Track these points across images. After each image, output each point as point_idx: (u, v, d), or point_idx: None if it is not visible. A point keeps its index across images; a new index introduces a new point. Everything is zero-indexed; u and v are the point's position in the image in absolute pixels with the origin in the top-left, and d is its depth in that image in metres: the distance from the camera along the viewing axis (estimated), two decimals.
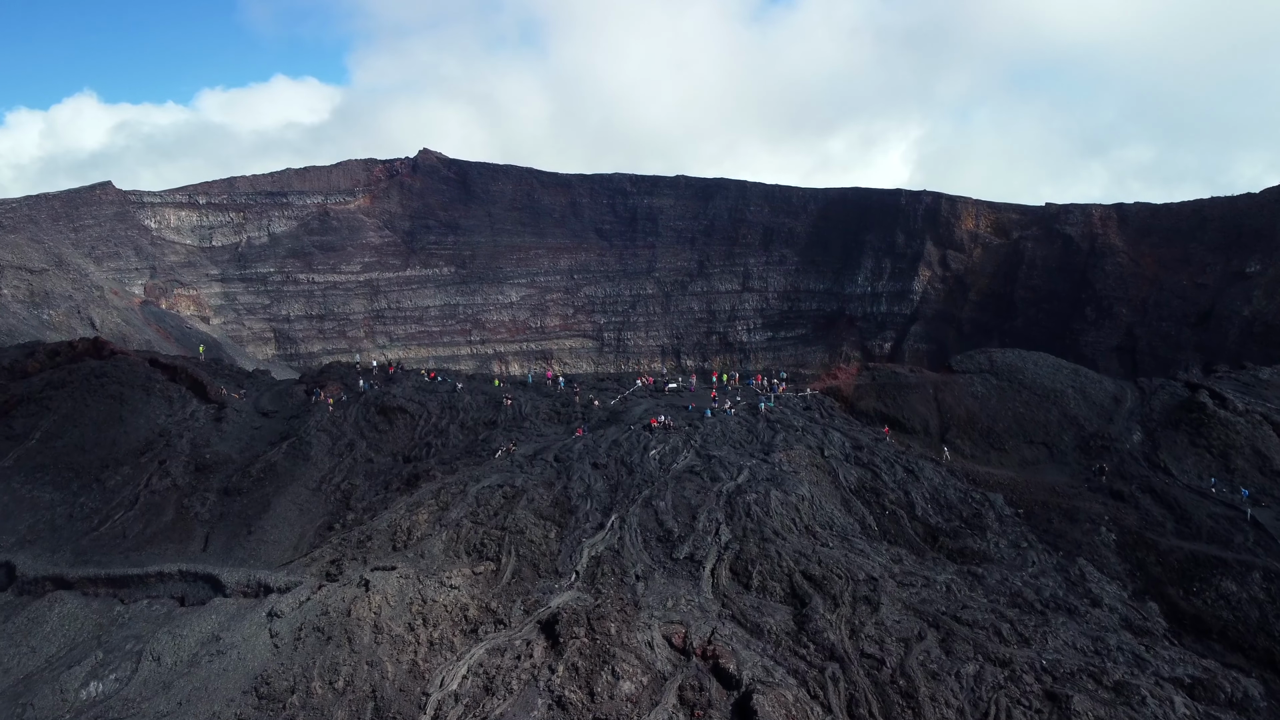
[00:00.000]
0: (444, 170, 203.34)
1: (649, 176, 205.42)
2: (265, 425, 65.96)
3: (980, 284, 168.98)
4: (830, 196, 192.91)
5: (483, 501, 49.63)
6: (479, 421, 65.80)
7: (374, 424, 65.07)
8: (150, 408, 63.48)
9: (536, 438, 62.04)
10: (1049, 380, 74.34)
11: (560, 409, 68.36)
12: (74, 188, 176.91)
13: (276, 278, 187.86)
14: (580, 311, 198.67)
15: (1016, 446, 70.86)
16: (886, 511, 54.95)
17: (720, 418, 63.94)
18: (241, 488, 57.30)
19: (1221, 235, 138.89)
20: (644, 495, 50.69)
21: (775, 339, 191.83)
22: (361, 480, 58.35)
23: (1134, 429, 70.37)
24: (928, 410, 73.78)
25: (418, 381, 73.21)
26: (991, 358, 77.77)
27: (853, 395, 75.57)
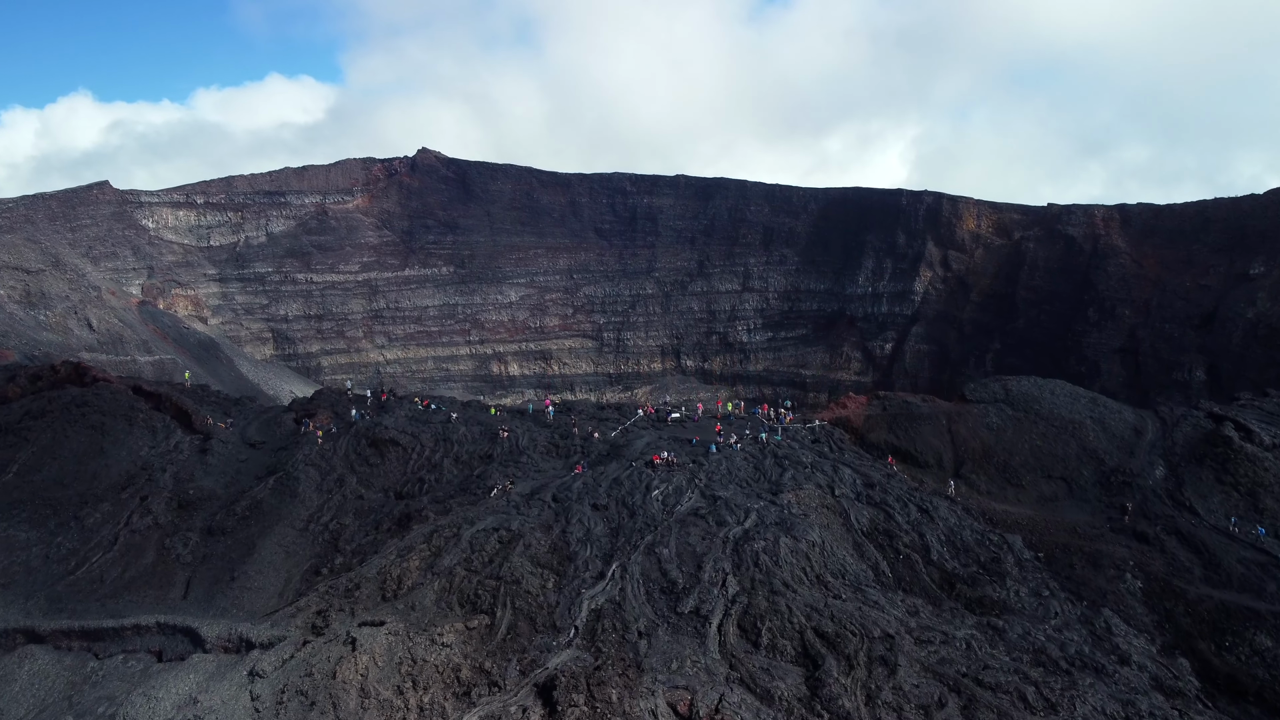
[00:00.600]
0: (443, 169, 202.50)
1: (649, 176, 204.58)
2: (252, 457, 63.59)
3: (982, 285, 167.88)
4: (831, 196, 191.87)
5: (477, 547, 47.55)
6: (474, 455, 63.26)
7: (365, 457, 62.60)
8: (133, 439, 61.50)
9: (534, 473, 59.70)
10: (1067, 410, 71.25)
11: (559, 441, 65.47)
12: (71, 187, 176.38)
13: (275, 278, 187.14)
14: (580, 311, 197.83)
15: (1034, 482, 67.65)
16: (900, 556, 52.46)
17: (725, 453, 61.27)
18: (226, 527, 55.12)
19: (1225, 236, 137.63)
20: (646, 541, 48.49)
21: (775, 339, 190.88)
22: (351, 519, 56.09)
23: (1156, 463, 67.42)
24: (941, 442, 70.67)
25: (411, 410, 70.46)
26: (1006, 386, 74.93)
27: (863, 426, 72.25)
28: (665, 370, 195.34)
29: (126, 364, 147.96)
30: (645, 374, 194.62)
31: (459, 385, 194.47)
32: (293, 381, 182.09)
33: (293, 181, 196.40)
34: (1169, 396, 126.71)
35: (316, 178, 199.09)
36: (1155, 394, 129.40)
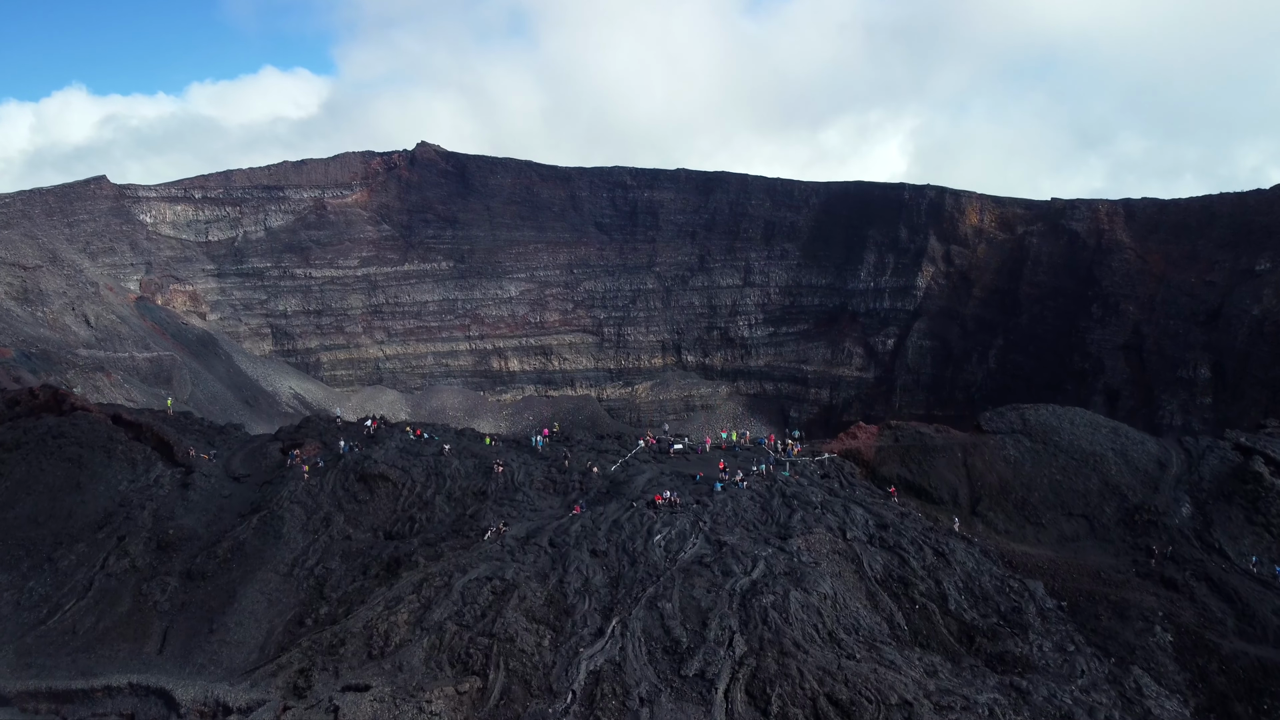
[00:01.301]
0: (442, 163, 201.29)
1: (649, 170, 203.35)
2: (236, 493, 60.52)
3: (985, 280, 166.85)
4: (832, 190, 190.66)
5: (469, 599, 44.95)
6: (467, 491, 60.08)
7: (353, 493, 59.12)
8: (111, 472, 58.36)
9: (530, 513, 56.92)
10: (1087, 442, 67.84)
11: (556, 477, 61.86)
12: (68, 182, 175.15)
13: (273, 273, 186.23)
14: (580, 306, 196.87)
15: (1054, 520, 64.26)
16: (917, 606, 49.51)
17: (731, 492, 57.97)
18: (206, 571, 52.27)
19: (1231, 232, 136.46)
20: (648, 593, 45.86)
21: (777, 334, 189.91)
22: (338, 563, 53.11)
23: (1182, 500, 64.25)
24: (956, 477, 67.28)
25: (402, 441, 65.81)
26: (1024, 416, 71.30)
27: (874, 459, 68.77)
28: (666, 365, 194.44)
29: (124, 360, 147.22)
30: (646, 369, 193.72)
31: (458, 380, 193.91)
32: (291, 377, 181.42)
33: (291, 176, 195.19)
34: (1174, 394, 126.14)
35: (315, 172, 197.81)
36: (1160, 391, 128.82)
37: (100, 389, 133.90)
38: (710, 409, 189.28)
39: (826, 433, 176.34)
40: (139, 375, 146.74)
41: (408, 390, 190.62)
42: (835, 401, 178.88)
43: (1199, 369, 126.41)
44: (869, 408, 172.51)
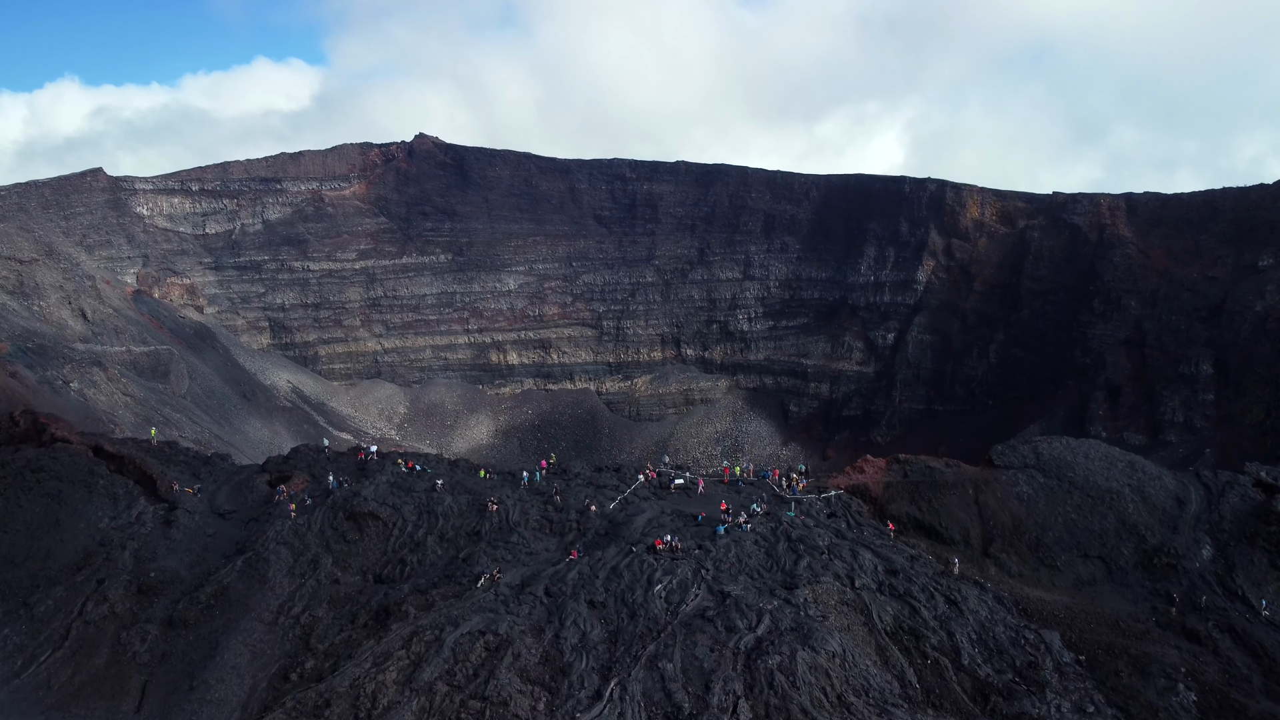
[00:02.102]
0: (440, 155, 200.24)
1: (648, 162, 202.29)
2: (220, 531, 58.05)
3: (985, 274, 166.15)
4: (833, 183, 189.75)
5: (461, 655, 42.74)
6: (460, 531, 57.62)
7: (342, 532, 56.46)
8: (91, 509, 55.95)
9: (525, 556, 54.56)
10: (1102, 478, 65.19)
11: (552, 515, 59.68)
12: (64, 175, 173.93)
13: (271, 265, 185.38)
14: (579, 300, 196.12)
15: (1070, 562, 61.78)
16: (929, 661, 47.30)
17: (734, 535, 55.50)
18: (188, 618, 50.04)
19: (1233, 227, 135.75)
20: (648, 652, 43.52)
21: (776, 328, 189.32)
22: (325, 610, 50.94)
23: (1203, 541, 61.60)
24: (968, 516, 64.80)
25: (393, 475, 63.83)
26: (1037, 449, 68.36)
27: (882, 496, 66.27)
28: (665, 359, 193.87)
29: (121, 354, 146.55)
30: (645, 363, 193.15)
31: (457, 374, 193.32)
32: (289, 371, 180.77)
33: (289, 167, 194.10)
34: (1176, 391, 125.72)
35: (313, 163, 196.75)
36: (1161, 387, 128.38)
37: (97, 383, 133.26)
38: (709, 403, 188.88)
39: (827, 428, 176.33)
40: (136, 369, 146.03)
41: (406, 384, 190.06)
42: (835, 396, 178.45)
43: (1201, 365, 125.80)
44: (869, 402, 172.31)
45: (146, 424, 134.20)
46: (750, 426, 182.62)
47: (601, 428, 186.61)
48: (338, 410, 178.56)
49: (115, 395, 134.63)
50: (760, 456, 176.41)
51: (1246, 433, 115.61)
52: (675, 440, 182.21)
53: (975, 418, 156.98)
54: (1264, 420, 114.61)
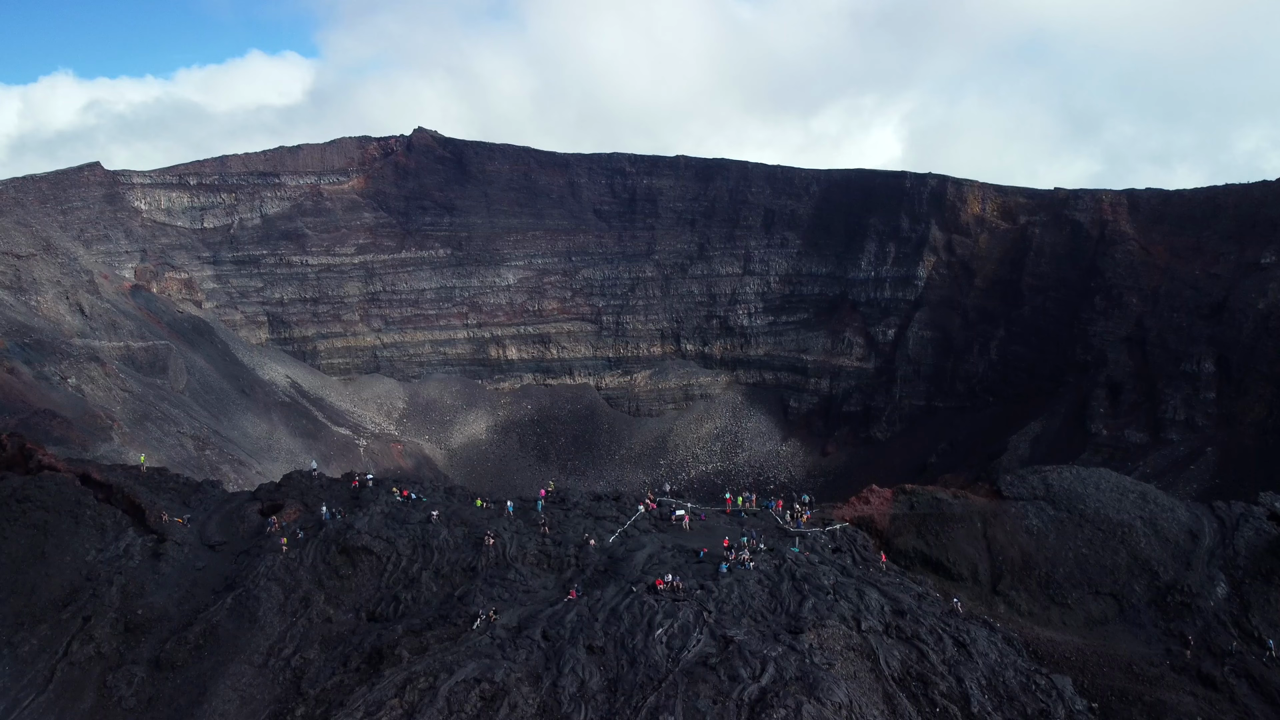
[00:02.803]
0: (439, 149, 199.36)
1: (648, 156, 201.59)
2: (210, 564, 56.55)
3: (986, 270, 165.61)
4: (833, 178, 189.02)
5: (456, 705, 41.18)
6: (455, 567, 55.96)
7: (334, 568, 54.91)
8: (78, 541, 54.15)
9: (522, 594, 53.09)
10: (1113, 510, 63.76)
11: (550, 550, 57.82)
12: (61, 169, 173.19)
13: (269, 260, 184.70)
14: (579, 294, 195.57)
15: (1081, 599, 60.01)
16: (938, 710, 45.56)
17: (737, 574, 53.82)
18: (176, 659, 48.46)
19: (1236, 224, 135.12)
20: (649, 703, 42.10)
21: (776, 323, 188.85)
22: (316, 652, 49.39)
23: (1217, 578, 59.86)
24: (976, 550, 63.21)
25: (388, 504, 61.89)
26: (1046, 480, 66.46)
27: (888, 529, 64.75)
28: (665, 354, 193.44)
29: (119, 349, 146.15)
30: (645, 358, 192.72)
31: (456, 369, 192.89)
32: (288, 365, 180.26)
33: (287, 161, 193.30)
34: (1177, 388, 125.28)
35: (311, 157, 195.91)
36: (1163, 385, 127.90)
37: (94, 379, 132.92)
38: (709, 398, 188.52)
39: (826, 424, 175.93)
40: (134, 364, 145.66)
41: (404, 379, 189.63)
42: (835, 392, 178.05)
43: (1203, 363, 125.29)
44: (869, 399, 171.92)
45: (144, 420, 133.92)
46: (750, 422, 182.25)
47: (601, 423, 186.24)
48: (336, 405, 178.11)
49: (113, 391, 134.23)
50: (760, 452, 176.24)
51: (1248, 431, 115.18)
52: (674, 436, 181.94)
53: (976, 414, 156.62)
54: (1266, 418, 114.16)
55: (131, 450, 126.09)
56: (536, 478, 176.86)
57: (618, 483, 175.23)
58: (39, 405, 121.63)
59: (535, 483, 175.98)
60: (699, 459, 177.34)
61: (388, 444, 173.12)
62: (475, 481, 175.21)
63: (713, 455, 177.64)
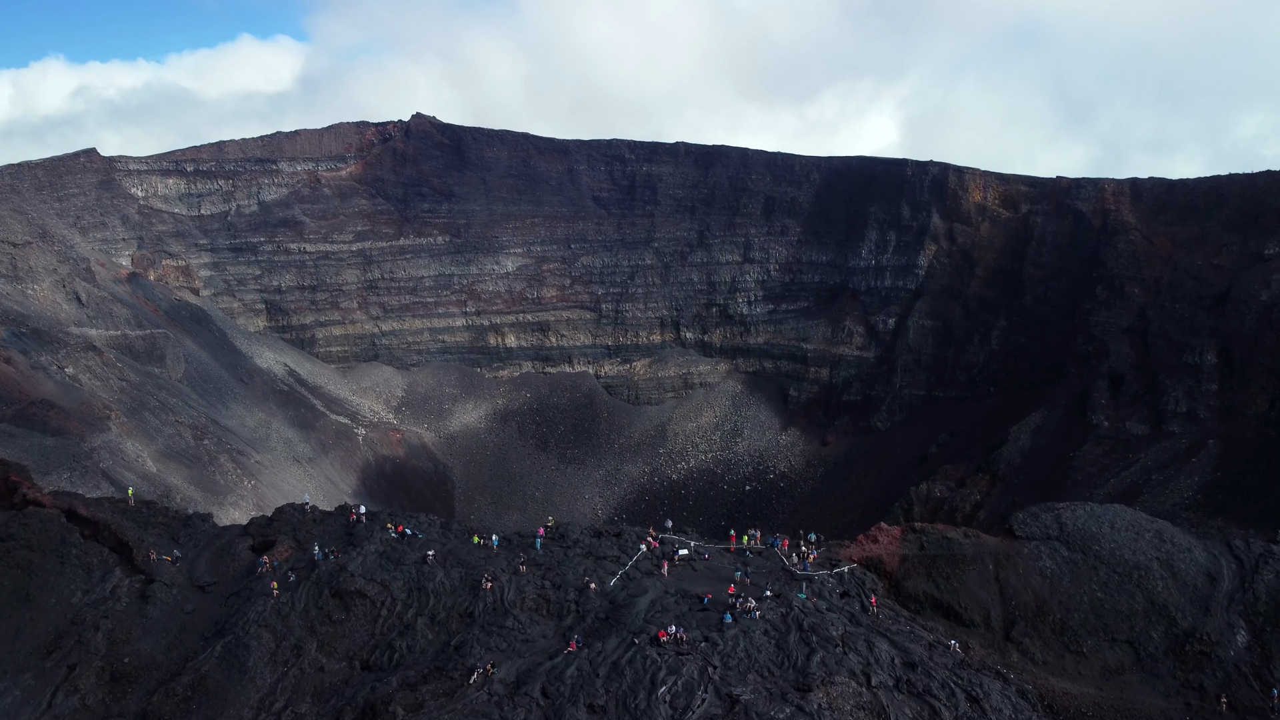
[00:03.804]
0: (437, 135, 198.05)
1: (648, 143, 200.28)
2: (200, 607, 54.45)
3: (988, 259, 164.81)
4: (834, 165, 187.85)
5: None
6: (452, 613, 53.89)
7: (327, 612, 52.89)
8: (64, 582, 51.98)
9: (520, 643, 51.22)
10: (1129, 551, 61.67)
11: (549, 594, 55.67)
12: (57, 155, 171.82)
13: (267, 247, 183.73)
14: (578, 282, 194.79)
15: (1096, 647, 57.74)
16: None
17: (743, 625, 51.76)
18: (164, 712, 46.50)
19: (1239, 214, 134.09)
20: None
21: (776, 312, 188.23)
22: (308, 706, 47.57)
23: (1236, 625, 57.50)
24: (988, 594, 61.01)
25: (382, 543, 59.48)
26: (1060, 519, 64.23)
27: (898, 572, 62.89)
28: (664, 342, 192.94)
29: (117, 338, 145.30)
30: (644, 346, 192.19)
31: (455, 357, 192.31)
32: (286, 354, 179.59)
33: (284, 147, 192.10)
34: (1179, 380, 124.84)
35: (308, 143, 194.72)
36: (1164, 376, 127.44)
37: (92, 369, 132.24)
38: (708, 387, 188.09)
39: (826, 414, 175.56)
40: (131, 353, 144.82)
41: (403, 367, 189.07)
42: (835, 381, 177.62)
43: (1205, 355, 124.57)
44: (869, 388, 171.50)
45: (141, 409, 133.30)
46: (749, 411, 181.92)
47: (600, 412, 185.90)
48: (334, 393, 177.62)
49: (110, 380, 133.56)
50: (759, 441, 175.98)
51: (1250, 424, 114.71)
52: (674, 425, 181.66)
53: (976, 404, 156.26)
54: (1268, 411, 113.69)
55: (129, 440, 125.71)
56: (535, 466, 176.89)
57: (616, 470, 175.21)
58: (35, 395, 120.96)
59: (534, 471, 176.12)
60: (698, 448, 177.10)
61: (386, 432, 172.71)
62: (474, 470, 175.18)
63: (712, 444, 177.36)
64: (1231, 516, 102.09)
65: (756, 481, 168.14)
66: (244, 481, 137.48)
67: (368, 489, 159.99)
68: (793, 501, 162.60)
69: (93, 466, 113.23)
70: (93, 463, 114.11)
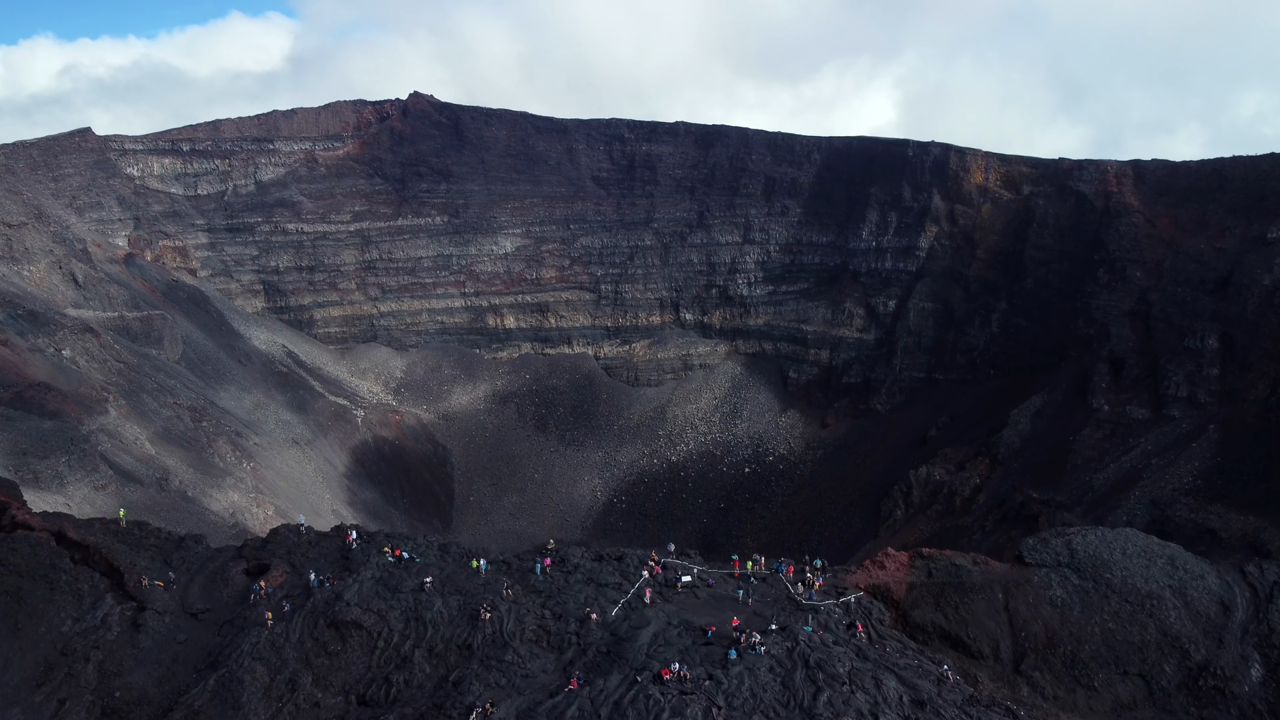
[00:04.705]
0: (435, 115, 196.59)
1: (647, 123, 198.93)
2: (192, 636, 53.03)
3: (989, 241, 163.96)
4: (834, 146, 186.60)
5: None
6: (450, 644, 52.35)
7: (322, 644, 51.28)
8: (54, 609, 50.61)
9: (520, 679, 49.90)
10: (1141, 578, 60.17)
11: (550, 626, 54.20)
12: (52, 135, 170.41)
13: (264, 228, 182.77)
14: (577, 263, 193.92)
15: (1108, 681, 56.29)
16: None
17: (747, 662, 50.00)
18: None
19: (1243, 197, 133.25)
20: None
21: (776, 293, 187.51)
22: None
23: (1250, 658, 55.97)
24: (997, 624, 59.51)
25: (379, 565, 58.04)
26: (1070, 545, 62.65)
27: (905, 601, 61.57)
28: (664, 324, 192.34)
29: (114, 320, 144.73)
30: (644, 327, 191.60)
31: (454, 338, 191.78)
32: (285, 335, 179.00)
33: (281, 125, 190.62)
34: (1180, 365, 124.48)
35: (306, 121, 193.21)
36: (1165, 360, 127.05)
37: (90, 351, 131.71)
38: (708, 368, 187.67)
39: (826, 396, 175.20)
40: (129, 335, 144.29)
41: (402, 348, 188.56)
42: (835, 363, 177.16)
43: (1206, 339, 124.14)
44: (869, 370, 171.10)
45: (139, 391, 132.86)
46: (749, 393, 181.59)
47: (599, 393, 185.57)
48: (333, 374, 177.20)
49: (108, 362, 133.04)
50: (759, 423, 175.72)
51: (1251, 409, 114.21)
52: (673, 406, 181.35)
53: (976, 387, 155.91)
54: (1269, 396, 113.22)
55: (128, 423, 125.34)
56: (535, 448, 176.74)
57: (615, 452, 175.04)
58: (33, 378, 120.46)
59: (533, 452, 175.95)
60: (697, 430, 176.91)
61: (385, 413, 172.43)
62: (473, 451, 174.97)
63: (711, 426, 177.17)
64: (1231, 502, 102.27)
65: (755, 464, 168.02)
66: (242, 463, 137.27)
67: (366, 471, 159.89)
68: (791, 484, 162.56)
69: (91, 450, 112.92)
70: (91, 446, 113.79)
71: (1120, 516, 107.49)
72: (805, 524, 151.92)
